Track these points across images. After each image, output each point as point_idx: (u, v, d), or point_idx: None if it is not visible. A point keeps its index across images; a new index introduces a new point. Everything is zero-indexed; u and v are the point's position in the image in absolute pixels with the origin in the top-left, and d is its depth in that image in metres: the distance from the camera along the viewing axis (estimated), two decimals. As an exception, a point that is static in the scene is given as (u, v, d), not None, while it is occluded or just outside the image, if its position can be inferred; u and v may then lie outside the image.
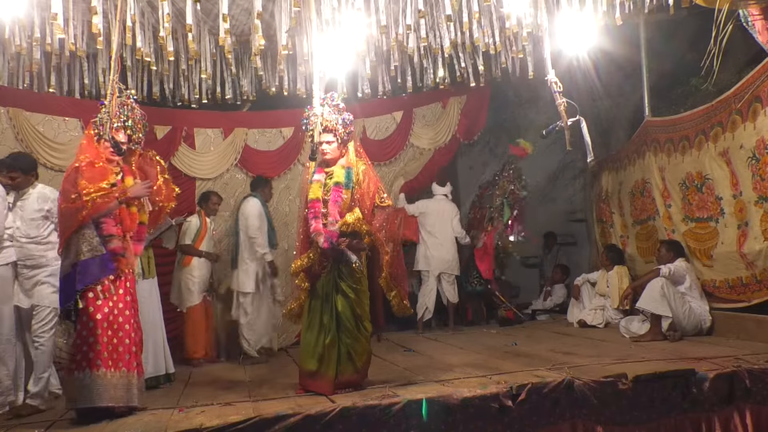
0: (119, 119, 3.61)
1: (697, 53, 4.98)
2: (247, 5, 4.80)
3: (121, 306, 3.52)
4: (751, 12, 4.57)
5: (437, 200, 7.12)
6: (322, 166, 3.99)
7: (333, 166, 3.95)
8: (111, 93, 3.60)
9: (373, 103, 6.86)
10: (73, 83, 5.72)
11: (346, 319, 3.83)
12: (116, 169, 3.68)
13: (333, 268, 3.88)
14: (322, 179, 3.94)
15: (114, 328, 3.45)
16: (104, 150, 3.63)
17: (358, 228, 3.86)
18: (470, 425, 3.40)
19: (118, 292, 3.51)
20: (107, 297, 3.45)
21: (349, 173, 3.90)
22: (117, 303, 3.50)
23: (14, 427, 3.42)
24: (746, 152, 4.92)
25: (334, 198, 3.84)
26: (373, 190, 3.93)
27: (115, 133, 3.59)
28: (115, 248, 3.52)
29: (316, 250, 3.88)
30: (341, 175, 3.90)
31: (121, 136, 3.64)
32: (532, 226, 8.94)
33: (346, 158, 3.98)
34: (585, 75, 6.36)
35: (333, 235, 3.82)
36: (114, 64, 3.61)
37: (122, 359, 3.45)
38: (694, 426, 3.73)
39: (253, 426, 3.12)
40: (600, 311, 6.54)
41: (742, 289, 5.15)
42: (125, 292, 3.56)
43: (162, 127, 6.31)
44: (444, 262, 6.91)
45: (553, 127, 5.05)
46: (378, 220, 3.95)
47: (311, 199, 3.91)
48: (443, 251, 6.90)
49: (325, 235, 3.81)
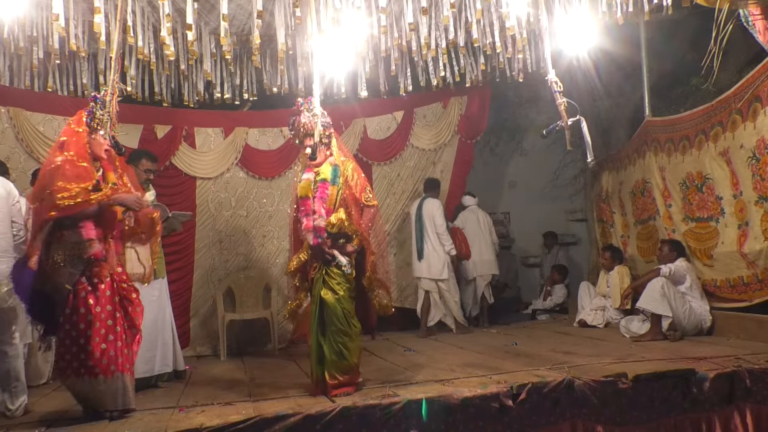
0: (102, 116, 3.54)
1: (698, 53, 4.98)
2: (247, 5, 4.80)
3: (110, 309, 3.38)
4: (751, 12, 4.57)
5: (472, 210, 7.32)
6: (310, 167, 4.04)
7: (321, 166, 4.01)
8: (111, 93, 3.59)
9: (373, 103, 6.86)
10: (73, 83, 5.72)
11: (337, 318, 3.79)
12: (96, 164, 3.53)
13: (320, 268, 3.87)
14: (311, 177, 3.98)
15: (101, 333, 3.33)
16: (97, 146, 3.49)
17: (344, 229, 3.84)
18: (470, 425, 3.40)
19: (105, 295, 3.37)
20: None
21: (336, 170, 3.94)
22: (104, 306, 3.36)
23: (14, 427, 3.42)
24: (746, 152, 4.92)
25: (320, 194, 3.88)
26: (360, 189, 3.96)
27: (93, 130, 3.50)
28: (96, 253, 3.36)
29: (307, 250, 3.91)
30: (327, 171, 3.94)
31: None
32: (532, 225, 8.96)
33: (334, 157, 4.04)
34: (585, 75, 6.36)
35: (320, 229, 3.82)
36: (114, 64, 3.61)
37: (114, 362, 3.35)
38: (694, 426, 3.74)
39: (254, 426, 3.12)
40: (600, 311, 6.54)
41: (743, 288, 5.15)
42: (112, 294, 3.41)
43: (162, 127, 6.32)
44: (487, 263, 7.17)
45: (553, 127, 5.04)
46: (365, 219, 3.97)
47: (301, 197, 3.95)
48: (485, 255, 7.17)
49: (314, 231, 3.83)
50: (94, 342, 3.29)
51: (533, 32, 5.41)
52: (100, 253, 3.38)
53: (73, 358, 3.31)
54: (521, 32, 5.11)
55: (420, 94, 6.99)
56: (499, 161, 9.05)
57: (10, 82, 5.51)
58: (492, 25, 5.27)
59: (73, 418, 3.49)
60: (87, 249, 3.34)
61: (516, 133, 8.99)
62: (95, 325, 3.30)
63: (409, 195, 7.20)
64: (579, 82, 6.46)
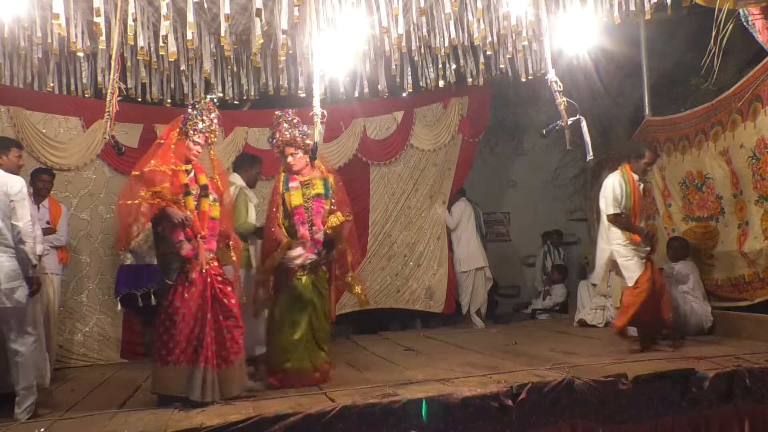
0: (197, 123, 3.83)
1: (698, 52, 4.98)
2: (247, 4, 4.80)
3: (200, 303, 3.63)
4: (751, 11, 4.57)
5: (465, 201, 7.41)
6: (293, 175, 4.28)
7: (305, 175, 4.27)
8: (111, 92, 3.60)
9: (373, 103, 6.86)
10: (73, 82, 5.71)
11: (323, 316, 4.20)
12: (188, 166, 3.84)
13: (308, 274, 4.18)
14: (299, 187, 4.23)
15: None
16: (187, 151, 3.84)
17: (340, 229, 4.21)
18: (470, 424, 3.40)
19: (195, 290, 3.63)
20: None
21: (327, 185, 4.27)
22: (195, 301, 3.63)
23: (14, 427, 3.42)
24: (746, 151, 4.92)
25: (316, 209, 4.20)
26: (342, 206, 4.31)
27: (190, 134, 3.83)
28: (187, 253, 3.66)
29: (284, 252, 4.10)
30: (320, 186, 4.25)
31: (199, 137, 3.85)
32: (532, 225, 8.96)
33: (318, 169, 4.30)
34: (585, 74, 6.35)
35: (319, 243, 4.17)
36: (114, 64, 3.62)
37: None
38: (693, 424, 3.74)
39: (254, 425, 3.12)
40: (600, 310, 6.54)
41: (745, 286, 5.16)
42: (204, 290, 3.65)
43: (162, 126, 6.27)
44: (474, 256, 7.23)
45: (553, 127, 5.05)
46: (346, 229, 4.31)
47: (296, 205, 4.19)
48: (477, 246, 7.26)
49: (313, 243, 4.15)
50: (179, 333, 3.57)
51: (533, 32, 5.40)
52: (191, 253, 3.68)
53: (162, 346, 3.61)
54: (521, 32, 5.10)
55: (420, 94, 6.98)
56: (498, 161, 9.04)
57: (10, 81, 5.50)
58: (492, 24, 5.28)
59: (71, 418, 3.49)
60: (180, 248, 3.66)
61: (516, 133, 8.97)
62: (183, 318, 3.59)
63: (408, 195, 7.21)
64: (579, 81, 6.46)
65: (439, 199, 7.35)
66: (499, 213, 9.27)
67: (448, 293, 7.22)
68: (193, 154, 3.89)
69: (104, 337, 5.82)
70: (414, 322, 7.49)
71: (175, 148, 3.81)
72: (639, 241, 4.76)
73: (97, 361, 5.69)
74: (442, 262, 7.26)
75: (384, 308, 7.07)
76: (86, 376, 5.01)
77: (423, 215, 7.27)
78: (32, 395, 3.60)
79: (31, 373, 3.63)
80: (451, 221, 7.27)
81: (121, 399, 3.98)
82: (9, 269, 3.56)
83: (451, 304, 7.25)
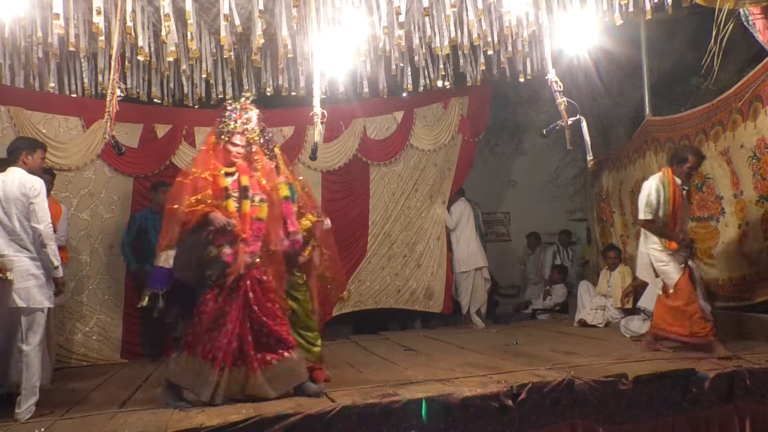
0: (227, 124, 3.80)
1: (698, 52, 4.98)
2: (247, 5, 4.79)
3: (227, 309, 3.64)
4: (751, 11, 4.57)
5: (464, 201, 7.42)
6: (246, 169, 4.19)
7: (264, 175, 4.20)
8: (111, 92, 3.60)
9: (373, 103, 6.86)
10: (73, 82, 5.70)
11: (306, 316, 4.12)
12: (231, 169, 3.81)
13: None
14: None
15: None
16: (228, 154, 3.80)
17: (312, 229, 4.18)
18: (470, 424, 3.40)
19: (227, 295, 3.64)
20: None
21: (292, 189, 4.20)
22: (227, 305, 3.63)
23: (14, 427, 3.42)
24: (747, 151, 4.92)
25: (288, 210, 4.07)
26: (309, 209, 4.27)
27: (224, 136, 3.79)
28: (228, 258, 3.65)
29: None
30: (286, 189, 4.14)
31: (237, 139, 3.81)
32: (532, 225, 8.96)
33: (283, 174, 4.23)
34: (585, 74, 6.36)
35: (298, 243, 4.08)
36: (114, 63, 3.62)
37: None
38: (693, 425, 3.74)
39: (254, 425, 3.12)
40: (600, 310, 6.54)
41: (746, 286, 5.15)
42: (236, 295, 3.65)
43: (162, 126, 6.31)
44: (473, 256, 7.23)
45: (553, 127, 5.05)
46: (318, 229, 4.28)
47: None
48: (476, 246, 7.26)
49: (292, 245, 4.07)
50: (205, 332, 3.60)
51: (533, 32, 5.40)
52: (231, 258, 3.66)
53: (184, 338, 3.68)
54: (521, 32, 5.10)
55: (420, 94, 6.98)
56: (498, 161, 9.04)
57: (10, 81, 5.50)
58: (492, 24, 5.27)
59: (71, 418, 3.49)
60: (221, 253, 3.66)
61: (516, 133, 8.98)
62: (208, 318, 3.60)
63: (408, 195, 7.21)
64: (579, 81, 6.46)
65: (438, 199, 7.35)
66: (499, 213, 9.28)
67: (446, 293, 7.23)
68: (233, 156, 3.83)
69: (104, 337, 5.82)
70: (414, 322, 7.49)
71: (214, 153, 3.82)
72: (675, 248, 4.60)
73: (97, 361, 5.69)
74: (441, 263, 7.27)
75: (384, 308, 7.08)
76: (86, 376, 5.00)
77: (423, 215, 7.28)
78: (34, 396, 3.60)
79: (35, 373, 3.63)
80: (450, 221, 7.28)
81: (121, 399, 3.97)
82: (23, 269, 3.60)
83: (450, 305, 7.26)
